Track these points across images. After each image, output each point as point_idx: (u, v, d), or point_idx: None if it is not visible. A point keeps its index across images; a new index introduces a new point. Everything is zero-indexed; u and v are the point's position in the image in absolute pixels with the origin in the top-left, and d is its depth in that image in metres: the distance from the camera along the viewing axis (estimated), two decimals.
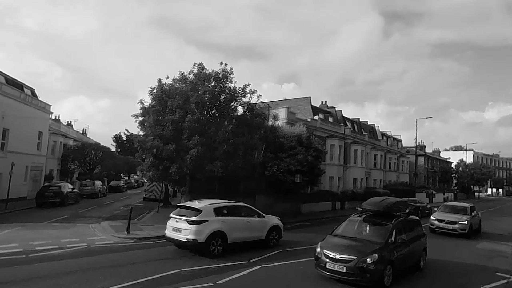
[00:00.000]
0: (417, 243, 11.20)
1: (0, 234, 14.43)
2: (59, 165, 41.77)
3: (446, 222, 19.34)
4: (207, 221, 11.82)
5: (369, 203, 11.44)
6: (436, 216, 20.17)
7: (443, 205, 22.55)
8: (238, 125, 20.04)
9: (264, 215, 14.23)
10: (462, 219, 19.18)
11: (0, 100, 26.08)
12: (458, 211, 20.26)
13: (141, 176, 46.51)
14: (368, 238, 10.10)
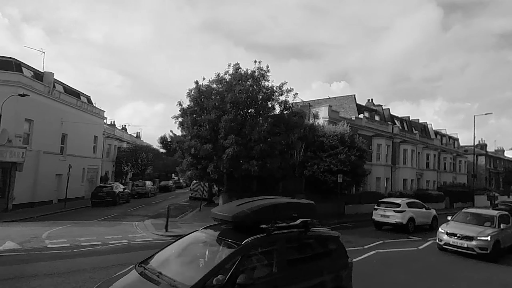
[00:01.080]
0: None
1: (54, 230, 15.66)
2: (113, 167, 44.52)
3: (458, 237, 13.36)
4: (405, 211, 19.08)
5: (221, 209, 6.31)
6: (447, 229, 14.00)
7: (462, 211, 15.53)
8: (275, 124, 19.96)
9: (429, 208, 21.20)
10: (484, 233, 13.05)
11: (59, 108, 28.37)
12: (480, 221, 14.28)
13: (180, 176, 47.91)
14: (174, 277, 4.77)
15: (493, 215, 14.44)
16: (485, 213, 15.01)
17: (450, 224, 14.51)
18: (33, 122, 24.99)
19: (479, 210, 15.82)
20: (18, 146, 22.66)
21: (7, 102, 20.87)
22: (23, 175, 23.50)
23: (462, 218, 14.88)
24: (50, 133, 27.00)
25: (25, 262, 10.57)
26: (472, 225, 14.00)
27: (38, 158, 25.39)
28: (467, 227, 13.81)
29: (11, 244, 12.57)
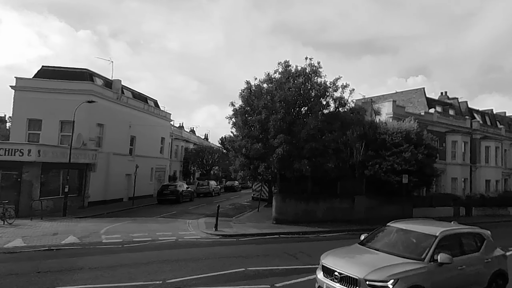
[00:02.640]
0: None
1: (112, 226, 16.71)
2: (181, 167, 46.79)
3: (335, 277, 6.83)
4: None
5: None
6: (327, 259, 7.46)
7: (386, 226, 8.62)
8: (328, 121, 19.02)
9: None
10: (383, 272, 6.35)
11: (128, 112, 30.51)
12: (409, 245, 7.53)
13: (234, 175, 48.23)
14: None
15: (433, 234, 7.25)
16: (422, 231, 7.64)
17: (340, 251, 8.13)
18: (104, 126, 27.16)
19: (416, 225, 8.16)
20: (91, 149, 24.79)
21: (81, 109, 22.91)
22: (96, 175, 25.64)
23: (381, 238, 8.14)
24: (119, 135, 29.13)
25: (78, 255, 11.31)
26: (383, 253, 7.21)
27: (109, 159, 27.52)
28: (364, 258, 7.23)
29: (72, 238, 13.62)
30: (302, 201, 20.29)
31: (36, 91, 24.68)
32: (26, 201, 19.70)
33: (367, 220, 21.17)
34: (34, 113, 24.58)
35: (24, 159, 19.80)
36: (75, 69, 26.85)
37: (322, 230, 17.74)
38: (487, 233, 8.29)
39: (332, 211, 21.01)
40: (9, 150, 19.84)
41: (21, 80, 25.17)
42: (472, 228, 8.45)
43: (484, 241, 7.94)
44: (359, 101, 29.73)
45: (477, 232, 8.20)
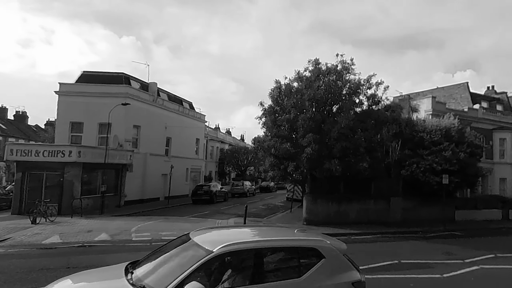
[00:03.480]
0: None
1: (144, 224, 17.17)
2: (216, 167, 47.42)
3: None
4: None
5: None
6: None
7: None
8: (361, 120, 18.38)
9: None
10: None
11: (164, 114, 31.37)
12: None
13: (263, 176, 47.68)
14: None
15: (208, 250, 4.54)
16: (202, 244, 4.83)
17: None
18: (140, 127, 28.10)
19: (213, 236, 5.74)
20: (127, 150, 25.74)
21: (118, 111, 23.88)
22: (133, 175, 26.57)
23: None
24: (155, 137, 30.01)
25: (107, 252, 11.70)
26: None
27: (146, 160, 28.42)
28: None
29: (104, 236, 14.15)
30: (333, 202, 19.73)
31: (77, 96, 26.03)
32: (67, 199, 20.76)
33: (404, 222, 20.20)
34: (76, 116, 25.93)
35: (65, 159, 20.92)
36: (113, 73, 28.01)
37: (354, 232, 17.12)
38: (336, 247, 5.30)
39: (365, 212, 20.25)
40: (52, 152, 21.06)
41: (64, 85, 26.67)
42: (307, 239, 5.41)
43: (320, 261, 5.00)
44: (396, 98, 28.56)
45: (309, 246, 5.19)
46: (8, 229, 15.11)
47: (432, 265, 11.05)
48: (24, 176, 21.40)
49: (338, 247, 5.37)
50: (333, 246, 5.30)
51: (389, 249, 13.68)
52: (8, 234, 13.96)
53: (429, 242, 15.46)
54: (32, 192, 20.75)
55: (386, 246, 14.36)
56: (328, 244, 5.33)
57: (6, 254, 11.37)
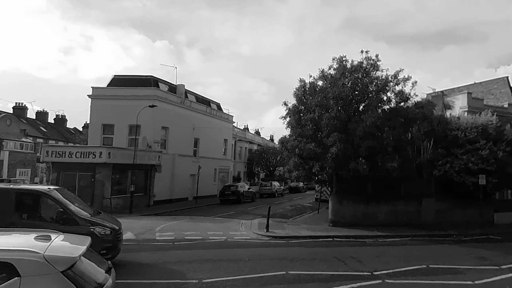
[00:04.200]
0: None
1: (168, 224, 17.45)
2: (245, 168, 47.56)
3: None
4: None
5: None
6: None
7: None
8: (388, 118, 17.71)
9: None
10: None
11: (191, 115, 31.85)
12: None
13: (288, 176, 46.90)
14: None
15: None
16: None
17: None
18: (169, 129, 28.67)
19: None
20: (155, 151, 26.33)
21: (147, 113, 24.46)
22: (162, 175, 27.13)
23: None
24: (184, 138, 30.51)
25: (130, 251, 11.89)
26: None
27: (174, 160, 28.95)
28: None
29: (129, 235, 14.46)
30: (361, 203, 19.14)
31: (109, 99, 26.97)
32: (99, 199, 21.52)
33: (437, 225, 19.22)
34: (107, 118, 26.86)
35: (96, 160, 21.70)
36: (142, 77, 28.78)
37: (382, 234, 16.51)
38: (51, 260, 4.09)
39: (395, 214, 19.47)
40: (84, 153, 21.93)
41: (96, 89, 27.71)
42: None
43: (9, 281, 3.87)
44: (429, 95, 27.35)
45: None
46: None
47: (463, 271, 10.39)
48: (59, 176, 22.41)
49: (56, 259, 4.10)
50: (44, 260, 4.04)
51: (418, 253, 13.04)
52: None
53: (463, 246, 14.60)
54: None
55: (415, 250, 13.71)
56: (34, 256, 4.08)
57: None
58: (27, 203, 9.26)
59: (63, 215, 8.89)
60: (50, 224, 8.68)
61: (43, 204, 9.23)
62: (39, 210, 9.28)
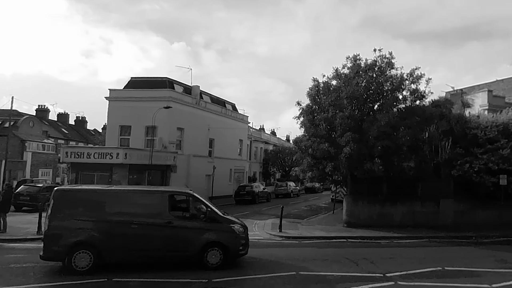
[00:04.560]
0: None
1: None
2: (261, 168, 47.59)
3: None
4: None
5: None
6: None
7: None
8: (403, 117, 17.41)
9: None
10: None
11: (207, 116, 32.11)
12: None
13: (301, 176, 46.50)
14: None
15: None
16: None
17: None
18: (184, 130, 28.99)
19: None
20: (171, 151, 26.66)
21: (162, 115, 24.78)
22: (177, 175, 27.44)
23: None
24: (199, 138, 30.79)
25: None
26: None
27: (189, 161, 29.24)
28: None
29: None
30: (376, 204, 18.84)
31: (126, 100, 27.50)
32: None
33: (456, 226, 18.72)
34: (124, 120, 27.38)
35: (113, 161, 22.15)
36: (158, 78, 29.20)
37: (397, 235, 16.23)
38: None
39: (412, 215, 19.08)
40: (101, 154, 22.43)
41: (113, 91, 28.30)
42: None
43: None
44: (448, 93, 26.74)
45: None
46: None
47: (480, 273, 10.10)
48: (77, 176, 23.00)
49: None
50: None
51: (435, 254, 12.77)
52: None
53: (482, 248, 14.21)
54: None
55: (432, 252, 13.42)
56: None
57: None
58: (179, 204, 10.51)
59: (210, 214, 9.94)
60: (200, 222, 9.87)
61: (191, 205, 10.40)
62: (189, 209, 10.36)
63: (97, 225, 9.19)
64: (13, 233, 14.17)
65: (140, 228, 9.26)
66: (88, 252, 8.95)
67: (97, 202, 9.63)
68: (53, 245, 8.91)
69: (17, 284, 8.20)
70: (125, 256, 9.34)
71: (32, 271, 9.28)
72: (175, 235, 9.47)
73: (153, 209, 9.63)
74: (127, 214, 9.44)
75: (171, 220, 9.49)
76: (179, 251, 9.54)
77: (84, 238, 9.02)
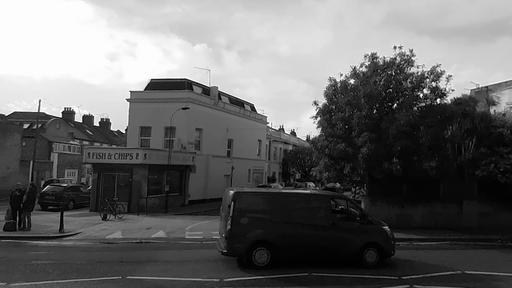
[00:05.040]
0: None
1: (199, 223, 17.81)
2: (280, 168, 47.45)
3: None
4: None
5: None
6: None
7: None
8: (423, 115, 16.96)
9: None
10: None
11: (225, 116, 32.30)
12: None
13: (318, 177, 45.86)
14: None
15: None
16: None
17: None
18: (202, 130, 29.26)
19: None
20: (190, 152, 26.97)
21: (181, 115, 25.09)
22: (196, 176, 27.74)
23: None
24: (217, 139, 31.00)
25: (159, 249, 12.35)
26: None
27: (208, 161, 29.49)
28: None
29: (161, 233, 14.94)
30: (395, 205, 18.41)
31: (146, 102, 28.03)
32: (136, 198, 22.33)
33: (480, 228, 18.04)
34: (144, 121, 27.90)
35: (133, 161, 22.59)
36: (177, 80, 29.57)
37: (417, 237, 15.79)
38: None
39: (433, 216, 18.54)
40: (122, 154, 22.93)
41: (134, 93, 28.90)
42: None
43: None
44: (473, 91, 25.82)
45: None
46: (81, 224, 16.77)
47: (502, 278, 9.72)
48: (99, 176, 23.58)
49: None
50: None
51: (456, 257, 12.36)
52: (80, 229, 15.48)
53: (506, 252, 13.65)
54: (106, 191, 22.74)
55: (453, 255, 13.00)
56: None
57: (73, 247, 12.64)
58: (338, 207, 11.30)
59: (365, 216, 10.83)
60: (358, 224, 10.75)
61: (348, 207, 11.26)
62: (347, 212, 11.14)
63: (272, 225, 10.05)
64: (36, 231, 14.68)
65: (307, 228, 10.14)
66: (265, 249, 9.80)
67: (271, 204, 10.59)
68: (235, 242, 9.77)
69: (35, 280, 8.50)
70: (296, 253, 10.17)
71: (52, 268, 9.59)
72: (338, 236, 10.29)
73: (317, 211, 10.50)
74: (297, 215, 10.32)
75: (334, 222, 10.37)
76: (341, 250, 10.37)
77: (262, 237, 9.94)
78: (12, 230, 14.48)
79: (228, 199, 10.27)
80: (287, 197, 11.20)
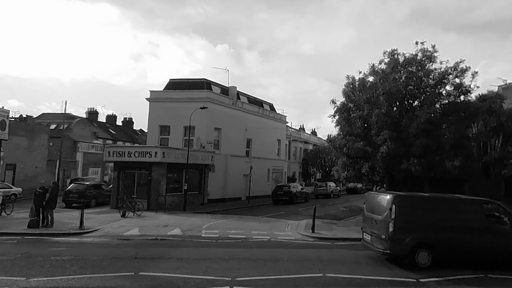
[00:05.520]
0: None
1: (215, 222, 17.79)
2: (300, 168, 47.06)
3: None
4: None
5: None
6: None
7: None
8: (445, 113, 16.38)
9: None
10: None
11: (244, 116, 32.32)
12: None
13: (336, 177, 44.95)
14: None
15: None
16: None
17: None
18: (221, 130, 29.38)
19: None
20: (208, 151, 27.13)
21: (200, 115, 25.25)
22: (215, 175, 27.88)
23: None
24: (236, 138, 31.05)
25: (175, 246, 12.42)
26: None
27: (227, 161, 29.58)
28: None
29: (177, 231, 15.06)
30: None
31: (165, 101, 28.41)
32: (154, 196, 22.64)
33: None
34: (164, 120, 28.30)
35: (152, 160, 22.91)
36: (196, 80, 29.84)
37: None
38: None
39: None
40: (141, 153, 23.30)
41: (153, 92, 29.35)
42: None
43: None
44: (500, 87, 24.78)
45: None
46: (101, 221, 17.13)
47: None
48: (120, 174, 24.06)
49: None
50: None
51: None
52: (99, 226, 15.82)
53: None
54: (126, 189, 23.15)
55: None
56: None
57: (91, 243, 12.91)
58: (490, 211, 11.27)
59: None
60: (509, 228, 10.77)
61: (500, 212, 11.10)
62: (497, 216, 11.13)
63: (432, 228, 10.38)
64: (59, 228, 15.10)
65: (465, 231, 10.36)
66: (427, 251, 10.16)
67: (431, 207, 10.83)
68: (398, 243, 10.19)
69: (53, 276, 8.71)
70: (454, 255, 10.45)
71: (69, 264, 9.80)
72: (492, 239, 10.44)
73: (473, 215, 10.71)
74: (455, 219, 10.52)
75: (488, 226, 10.54)
76: (495, 253, 10.53)
77: (424, 239, 10.30)
78: (36, 227, 14.94)
79: (385, 202, 10.71)
80: (445, 200, 11.47)
